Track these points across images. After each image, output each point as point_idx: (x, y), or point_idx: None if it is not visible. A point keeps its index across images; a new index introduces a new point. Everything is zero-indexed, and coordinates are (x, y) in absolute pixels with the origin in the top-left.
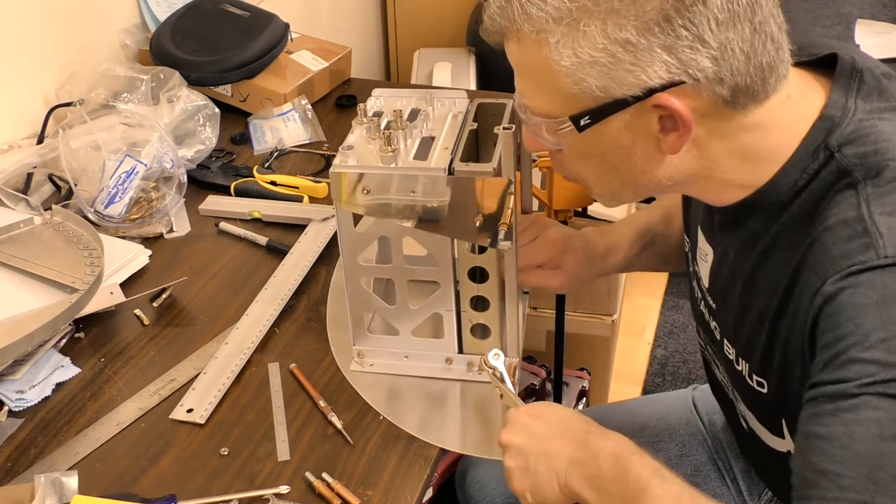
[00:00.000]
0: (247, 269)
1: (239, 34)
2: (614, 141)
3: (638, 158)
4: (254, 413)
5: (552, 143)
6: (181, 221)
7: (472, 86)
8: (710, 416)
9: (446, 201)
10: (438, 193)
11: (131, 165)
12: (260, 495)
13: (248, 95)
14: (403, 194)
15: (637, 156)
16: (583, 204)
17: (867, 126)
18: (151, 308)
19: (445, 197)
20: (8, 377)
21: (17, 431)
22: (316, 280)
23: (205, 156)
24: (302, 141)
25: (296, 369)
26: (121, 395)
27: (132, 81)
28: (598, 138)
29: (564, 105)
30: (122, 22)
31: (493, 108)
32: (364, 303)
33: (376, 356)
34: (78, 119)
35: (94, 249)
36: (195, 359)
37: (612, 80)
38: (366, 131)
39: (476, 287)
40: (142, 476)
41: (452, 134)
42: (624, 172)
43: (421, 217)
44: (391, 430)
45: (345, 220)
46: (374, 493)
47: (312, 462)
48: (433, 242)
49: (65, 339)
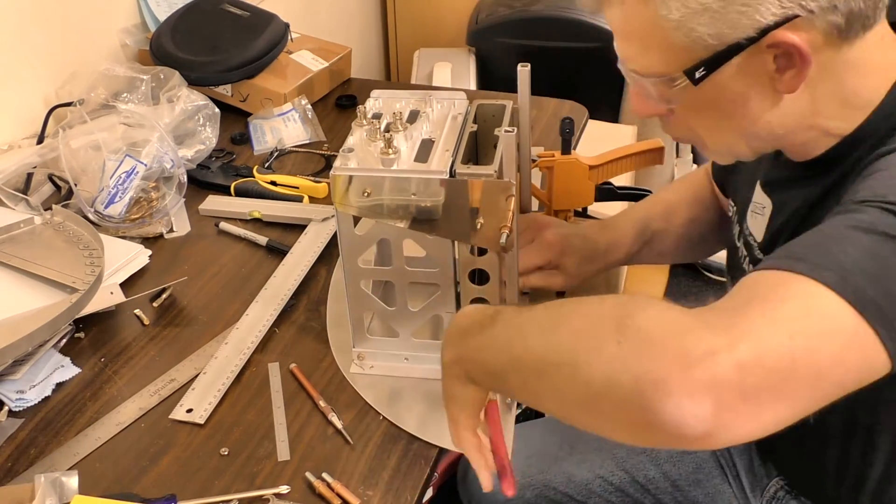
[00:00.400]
0: (247, 269)
1: (239, 34)
2: (729, 89)
3: (753, 104)
4: (254, 413)
5: (664, 102)
6: (181, 221)
7: (472, 86)
8: None
9: (447, 204)
10: (439, 196)
11: (131, 165)
12: (260, 495)
13: (248, 95)
14: (404, 197)
15: (752, 101)
16: (583, 204)
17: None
18: (151, 308)
19: (446, 199)
20: (8, 377)
21: (17, 431)
22: (316, 280)
23: (205, 156)
24: (302, 141)
25: (296, 369)
26: (121, 395)
27: (132, 81)
28: (712, 89)
29: (676, 60)
30: (122, 22)
31: (492, 109)
32: (364, 305)
33: (376, 358)
34: (78, 119)
35: (94, 249)
36: (195, 359)
37: (725, 24)
38: (366, 133)
39: (476, 289)
40: (142, 476)
41: (452, 136)
42: (739, 121)
43: (421, 219)
44: (391, 431)
45: (345, 223)
46: (374, 493)
47: (312, 462)
48: (433, 244)
49: (65, 339)
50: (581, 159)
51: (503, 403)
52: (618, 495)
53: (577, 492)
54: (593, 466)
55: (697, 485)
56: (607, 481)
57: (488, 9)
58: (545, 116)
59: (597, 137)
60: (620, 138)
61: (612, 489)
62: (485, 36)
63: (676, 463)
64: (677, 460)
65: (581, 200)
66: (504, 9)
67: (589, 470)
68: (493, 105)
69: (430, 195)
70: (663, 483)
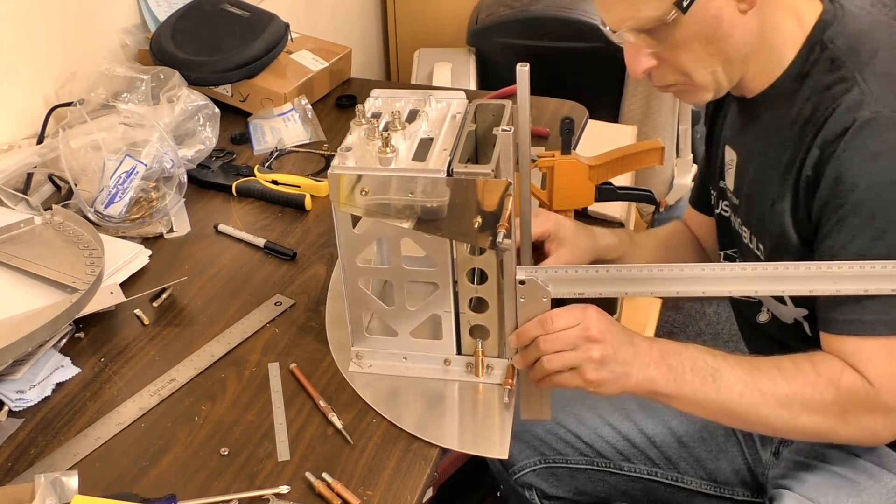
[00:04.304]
0: (247, 270)
1: (239, 34)
2: (707, 13)
3: (725, 24)
4: (254, 413)
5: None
6: (181, 221)
7: (472, 86)
8: None
9: (445, 203)
10: (437, 195)
11: (131, 165)
12: (260, 495)
13: (248, 95)
14: (402, 196)
15: (724, 21)
16: (583, 204)
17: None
18: (151, 308)
19: (444, 198)
20: (8, 377)
21: (17, 431)
22: (316, 280)
23: (205, 156)
24: (302, 141)
25: (296, 369)
26: (121, 395)
27: (132, 81)
28: (696, 18)
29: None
30: (122, 22)
31: (491, 108)
32: (362, 304)
33: (375, 357)
34: (78, 119)
35: (94, 249)
36: (195, 359)
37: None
38: (364, 132)
39: (475, 288)
40: (142, 476)
41: (451, 135)
42: (718, 44)
43: (420, 218)
44: (391, 431)
45: (343, 222)
46: (374, 493)
47: (312, 462)
48: (432, 244)
49: (65, 339)
50: (581, 159)
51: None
52: (624, 444)
53: (586, 433)
54: (604, 413)
55: (702, 443)
56: (615, 429)
57: (488, 9)
58: (545, 116)
59: (597, 137)
60: (620, 138)
61: (619, 437)
62: (485, 36)
63: (683, 421)
64: (685, 418)
65: (581, 200)
66: (504, 9)
67: (599, 416)
68: (492, 105)
69: (427, 194)
70: (669, 438)
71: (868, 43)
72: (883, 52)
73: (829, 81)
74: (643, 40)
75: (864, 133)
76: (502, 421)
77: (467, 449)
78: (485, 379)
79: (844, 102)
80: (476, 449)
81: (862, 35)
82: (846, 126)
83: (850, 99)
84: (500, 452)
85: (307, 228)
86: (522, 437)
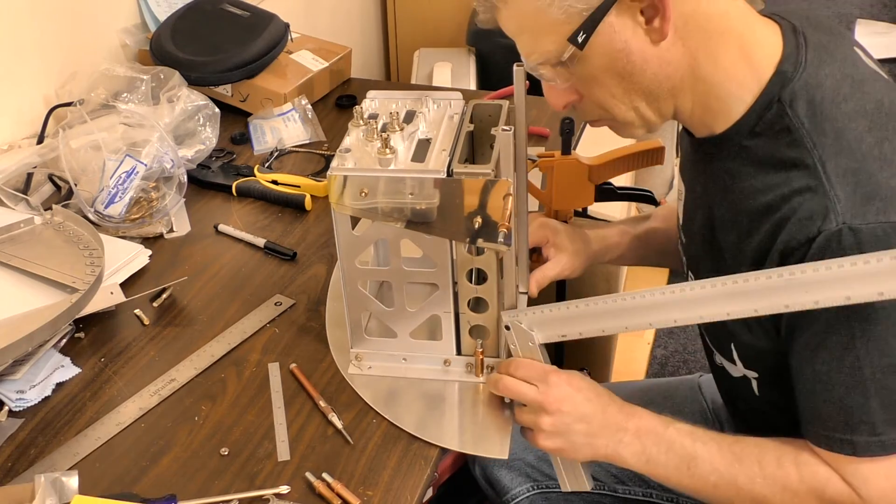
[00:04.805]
0: (247, 270)
1: (239, 34)
2: (612, 47)
3: (636, 57)
4: (254, 413)
5: (570, 83)
6: (181, 221)
7: (472, 86)
8: (714, 397)
9: (444, 203)
10: (437, 195)
11: (131, 165)
12: (260, 495)
13: (248, 95)
14: (401, 197)
15: (635, 55)
16: (583, 204)
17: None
18: (151, 308)
19: (444, 199)
20: (8, 377)
21: (17, 431)
22: (316, 280)
23: (205, 156)
24: (302, 141)
25: (296, 369)
26: (121, 395)
27: (132, 81)
28: (599, 52)
29: (563, 37)
30: (122, 22)
31: (488, 108)
32: (362, 306)
33: (374, 359)
34: (78, 119)
35: (94, 249)
36: (195, 359)
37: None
38: (363, 134)
39: (475, 289)
40: (142, 476)
41: (449, 135)
42: (632, 78)
43: (419, 219)
44: (391, 431)
45: (342, 224)
46: (374, 493)
47: (312, 462)
48: (431, 244)
49: (65, 339)
50: (581, 159)
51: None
52: (617, 466)
53: None
54: None
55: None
56: None
57: None
58: (545, 116)
59: (597, 137)
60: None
61: None
62: (485, 36)
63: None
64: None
65: (581, 200)
66: None
67: None
68: (490, 105)
69: (427, 195)
70: None
71: (833, 115)
72: (850, 133)
73: (785, 158)
74: (558, 73)
75: (831, 248)
76: (502, 421)
77: (467, 449)
78: (485, 379)
79: (807, 206)
80: (476, 449)
81: (825, 103)
82: (810, 237)
83: (815, 203)
84: (501, 452)
85: (307, 228)
86: (514, 466)
